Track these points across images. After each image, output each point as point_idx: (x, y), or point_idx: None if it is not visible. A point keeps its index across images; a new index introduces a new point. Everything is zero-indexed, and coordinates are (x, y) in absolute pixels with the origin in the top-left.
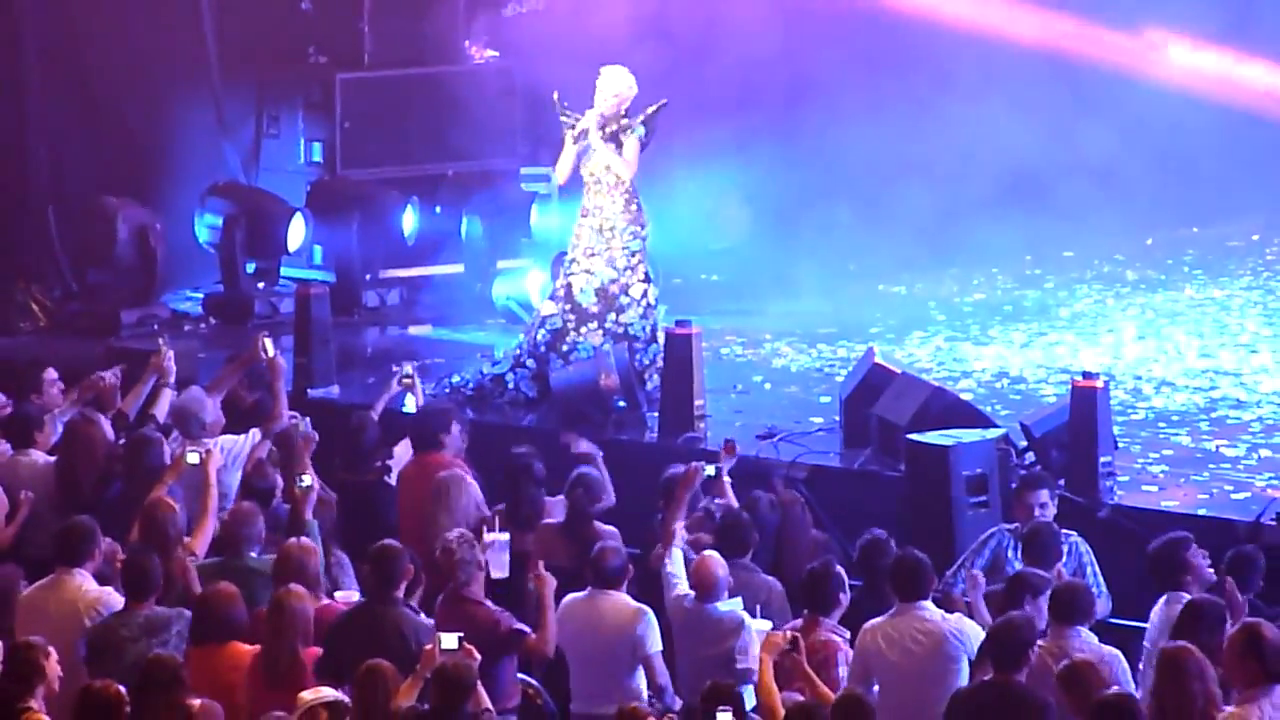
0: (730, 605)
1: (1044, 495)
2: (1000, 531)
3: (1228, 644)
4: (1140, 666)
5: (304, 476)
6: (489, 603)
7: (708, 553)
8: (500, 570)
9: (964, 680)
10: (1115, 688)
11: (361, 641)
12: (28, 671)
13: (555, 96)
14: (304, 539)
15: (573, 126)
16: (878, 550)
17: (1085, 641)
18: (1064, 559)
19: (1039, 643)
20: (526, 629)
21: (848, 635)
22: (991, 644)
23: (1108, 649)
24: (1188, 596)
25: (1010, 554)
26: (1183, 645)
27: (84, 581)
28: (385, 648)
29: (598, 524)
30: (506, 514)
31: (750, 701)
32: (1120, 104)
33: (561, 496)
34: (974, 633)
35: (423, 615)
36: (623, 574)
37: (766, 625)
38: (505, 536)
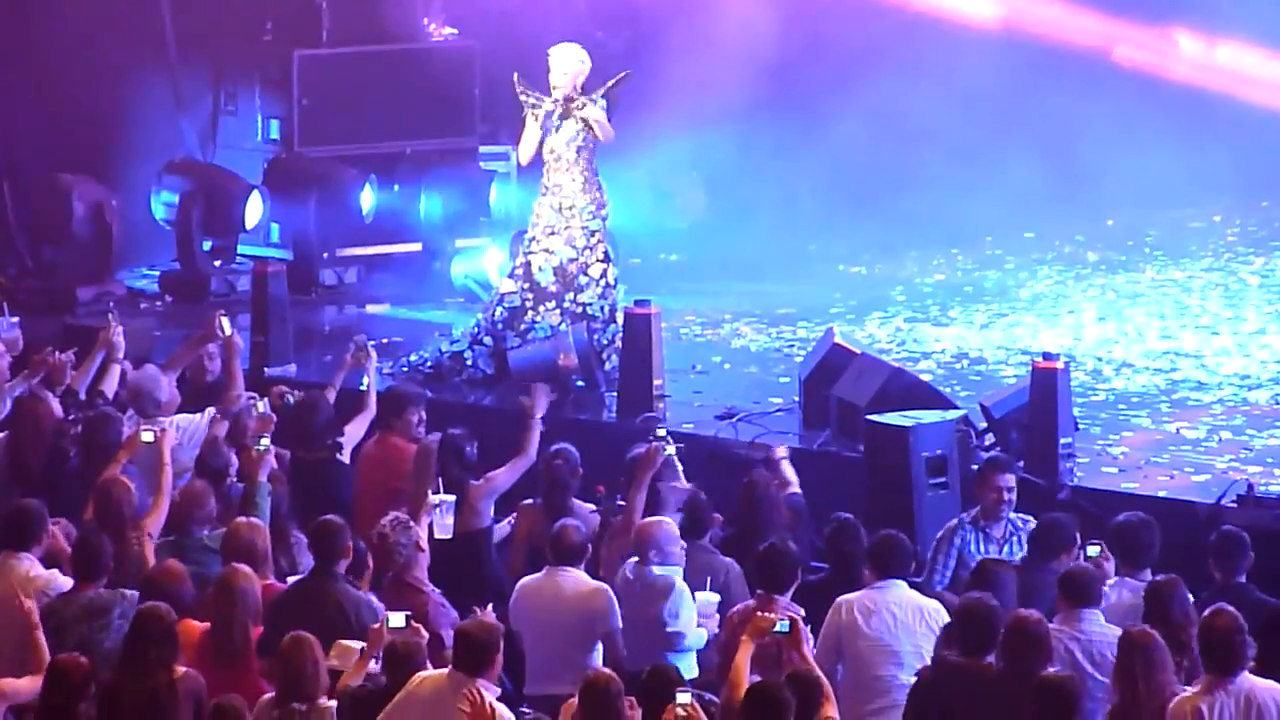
0: (667, 570)
1: (1011, 479)
2: (962, 526)
3: (1198, 627)
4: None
5: (263, 439)
6: (431, 590)
7: (650, 518)
8: (444, 532)
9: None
10: (1058, 667)
11: (302, 618)
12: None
13: (515, 78)
14: (253, 518)
15: (534, 107)
16: (846, 534)
17: (1097, 624)
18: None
19: (1050, 625)
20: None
21: (803, 613)
22: (962, 625)
23: (1115, 629)
24: (1141, 585)
25: (976, 548)
26: (1145, 629)
27: (29, 566)
28: (326, 623)
29: (575, 501)
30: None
31: (689, 671)
32: (1081, 83)
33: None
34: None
35: (370, 593)
36: (581, 551)
37: (715, 599)
38: (451, 498)
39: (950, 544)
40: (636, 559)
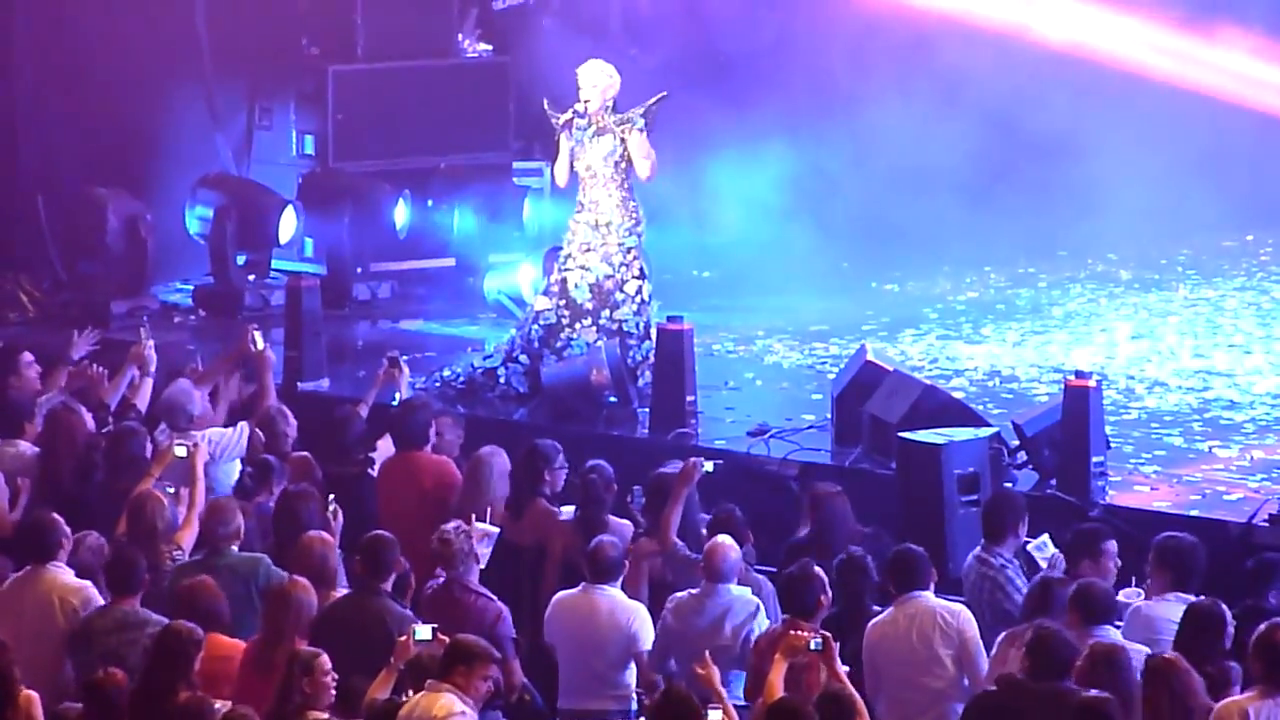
0: (741, 590)
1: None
2: (1010, 561)
3: (1254, 639)
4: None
5: (330, 502)
6: (494, 598)
7: (719, 537)
8: (480, 562)
9: (955, 665)
10: (1094, 691)
11: (345, 632)
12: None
13: (545, 105)
14: (324, 533)
15: (566, 128)
16: (853, 570)
17: (1112, 640)
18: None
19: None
20: (516, 641)
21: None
22: (1036, 654)
23: (1134, 646)
24: (1191, 599)
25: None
26: (1172, 657)
27: (59, 574)
28: (368, 639)
29: (611, 518)
30: None
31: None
32: (1114, 101)
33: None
34: (969, 619)
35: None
36: (618, 568)
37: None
38: (495, 530)
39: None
40: (707, 577)
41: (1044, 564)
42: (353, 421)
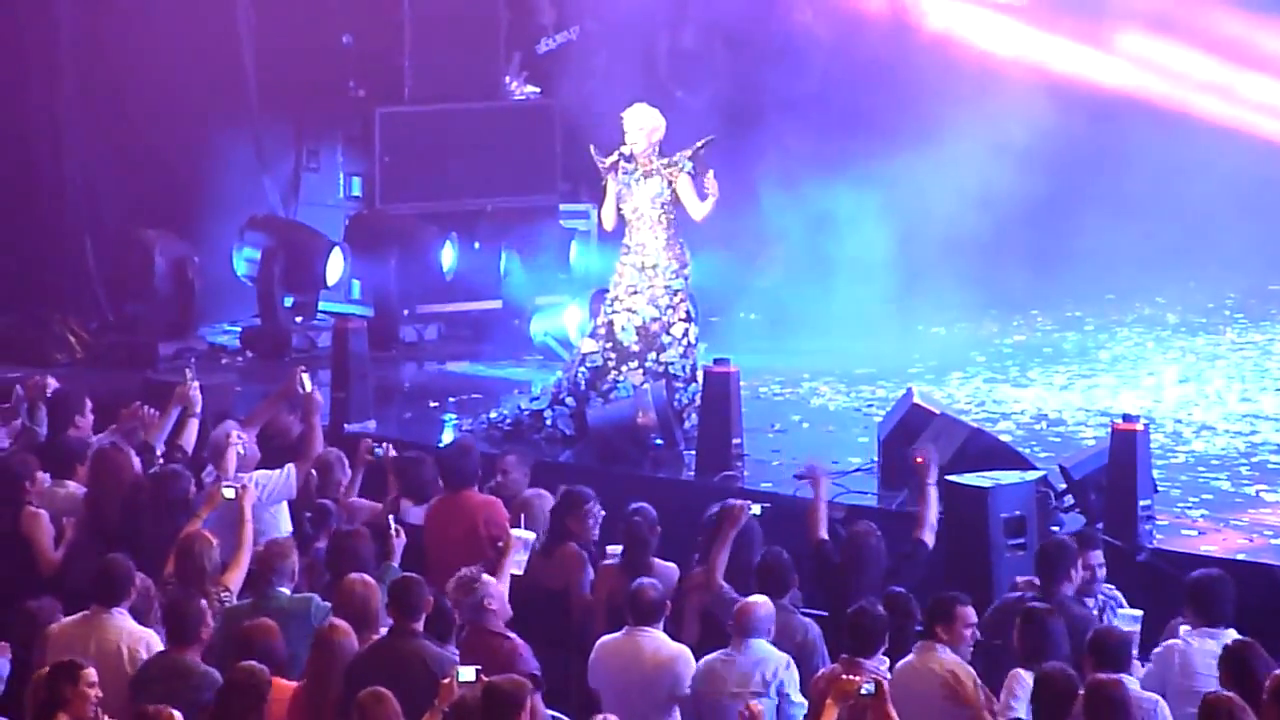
0: (770, 648)
1: (1100, 555)
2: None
3: (1269, 688)
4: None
5: (393, 523)
6: (512, 635)
7: (752, 597)
8: (516, 568)
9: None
10: None
11: (383, 675)
12: None
13: (591, 150)
14: (365, 575)
15: (612, 171)
16: (896, 608)
17: (1126, 687)
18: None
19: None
20: (536, 676)
21: (889, 676)
22: (1042, 694)
23: (1147, 694)
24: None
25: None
26: (1229, 695)
27: (123, 621)
28: (407, 680)
29: (656, 561)
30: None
31: None
32: (1160, 144)
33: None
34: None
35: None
36: (660, 610)
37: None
38: (531, 535)
39: None
40: (734, 634)
41: None
42: (427, 465)
